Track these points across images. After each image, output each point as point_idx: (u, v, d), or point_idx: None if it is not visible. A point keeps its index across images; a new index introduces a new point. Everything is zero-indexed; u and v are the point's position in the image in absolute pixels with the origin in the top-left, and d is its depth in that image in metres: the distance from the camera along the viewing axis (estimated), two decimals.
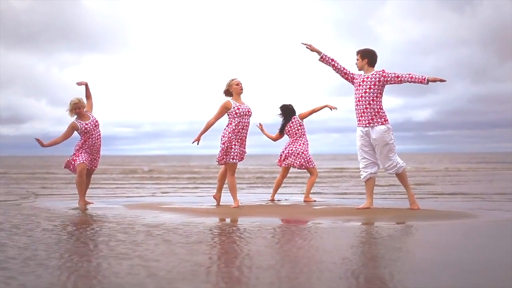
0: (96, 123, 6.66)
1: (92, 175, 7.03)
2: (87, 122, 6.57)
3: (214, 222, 5.40)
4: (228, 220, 5.63)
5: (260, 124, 7.57)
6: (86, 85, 6.79)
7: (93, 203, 7.00)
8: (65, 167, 6.72)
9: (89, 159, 6.65)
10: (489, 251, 3.66)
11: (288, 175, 7.62)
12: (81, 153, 6.58)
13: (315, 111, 7.29)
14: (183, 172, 20.87)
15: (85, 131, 6.55)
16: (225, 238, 4.32)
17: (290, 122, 7.22)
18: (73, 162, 6.59)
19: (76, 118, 6.60)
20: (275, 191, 7.51)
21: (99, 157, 6.84)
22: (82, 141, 6.60)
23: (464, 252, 3.65)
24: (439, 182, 12.99)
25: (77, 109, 6.56)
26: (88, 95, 6.79)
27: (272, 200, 7.35)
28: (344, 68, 5.93)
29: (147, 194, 9.44)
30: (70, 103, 6.57)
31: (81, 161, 6.52)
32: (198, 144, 6.39)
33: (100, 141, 6.74)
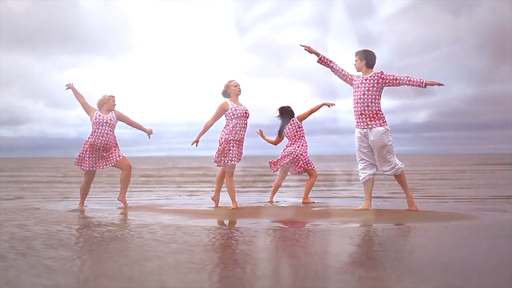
0: (109, 121, 6.60)
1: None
2: (100, 114, 6.59)
3: (213, 223, 5.40)
4: (226, 222, 5.64)
5: (260, 130, 7.55)
6: (73, 87, 6.67)
7: (130, 207, 6.79)
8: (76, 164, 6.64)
9: (95, 159, 6.56)
10: (489, 252, 3.67)
11: (287, 177, 7.62)
12: (88, 155, 6.54)
13: (314, 111, 7.29)
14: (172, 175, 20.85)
15: (96, 121, 6.55)
16: (224, 240, 4.32)
17: (289, 124, 7.22)
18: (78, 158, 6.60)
19: (98, 110, 6.62)
20: (273, 193, 7.50)
21: (112, 153, 6.63)
22: (91, 132, 6.59)
23: (464, 253, 3.65)
24: (437, 183, 13.00)
25: (113, 106, 6.67)
26: (78, 95, 6.72)
27: (271, 201, 7.35)
28: (342, 70, 5.95)
29: (145, 196, 9.43)
30: (109, 97, 6.65)
31: (87, 169, 6.54)
32: (197, 145, 6.38)
33: (107, 139, 6.57)
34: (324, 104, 7.26)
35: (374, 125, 5.71)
